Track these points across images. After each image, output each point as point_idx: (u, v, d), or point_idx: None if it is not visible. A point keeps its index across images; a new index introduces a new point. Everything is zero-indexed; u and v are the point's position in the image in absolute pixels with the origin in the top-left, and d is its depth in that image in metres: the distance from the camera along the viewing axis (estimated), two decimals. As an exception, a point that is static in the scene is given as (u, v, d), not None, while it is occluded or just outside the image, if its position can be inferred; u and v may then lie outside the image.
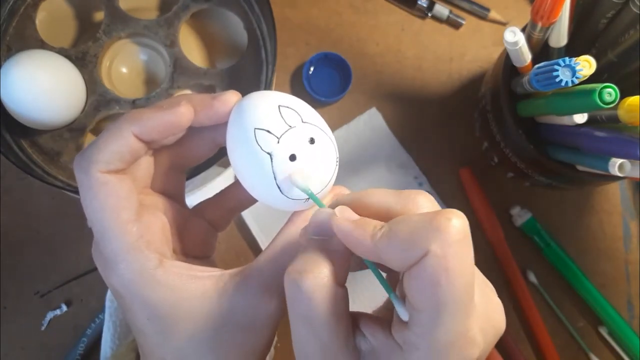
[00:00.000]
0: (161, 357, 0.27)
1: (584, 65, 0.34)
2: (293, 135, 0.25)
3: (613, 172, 0.37)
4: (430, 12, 0.56)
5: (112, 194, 0.26)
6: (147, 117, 0.26)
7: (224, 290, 0.26)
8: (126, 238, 0.26)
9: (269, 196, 0.26)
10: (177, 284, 0.26)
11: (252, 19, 0.50)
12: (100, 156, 0.26)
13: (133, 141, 0.26)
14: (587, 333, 0.54)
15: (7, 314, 0.51)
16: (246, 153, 0.25)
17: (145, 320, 0.26)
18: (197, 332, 0.26)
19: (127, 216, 0.26)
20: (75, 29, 0.51)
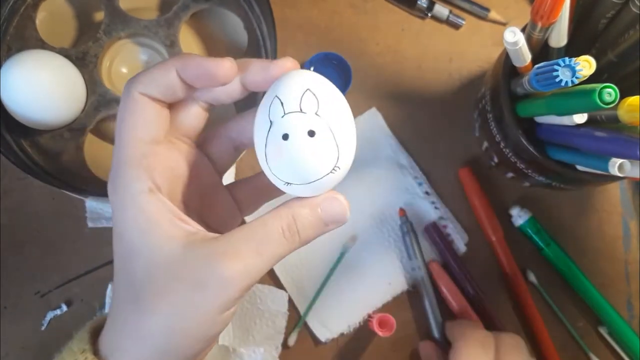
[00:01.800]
0: (117, 281, 0.28)
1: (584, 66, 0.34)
2: (298, 118, 0.25)
3: (613, 172, 0.37)
4: (430, 12, 0.56)
5: (138, 112, 0.28)
6: (192, 59, 0.27)
7: (190, 244, 0.26)
8: (130, 151, 0.27)
9: (261, 162, 0.27)
10: (153, 216, 0.26)
11: (252, 19, 0.50)
12: (141, 78, 0.28)
13: (173, 76, 0.28)
14: (587, 333, 0.54)
15: (7, 314, 0.51)
16: (260, 114, 0.26)
17: (117, 237, 0.27)
18: (151, 271, 0.26)
19: (141, 134, 0.28)
20: (76, 29, 0.51)
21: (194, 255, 0.26)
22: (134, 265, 0.27)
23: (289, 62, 0.28)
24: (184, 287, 0.26)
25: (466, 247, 0.54)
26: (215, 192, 0.33)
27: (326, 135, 0.26)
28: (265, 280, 0.53)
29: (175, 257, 0.26)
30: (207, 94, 0.30)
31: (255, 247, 0.26)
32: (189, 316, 0.26)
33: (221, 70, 0.27)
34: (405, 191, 0.54)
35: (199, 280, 0.26)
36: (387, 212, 0.54)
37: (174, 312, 0.26)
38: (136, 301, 0.27)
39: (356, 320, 0.52)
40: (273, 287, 0.52)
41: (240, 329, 0.50)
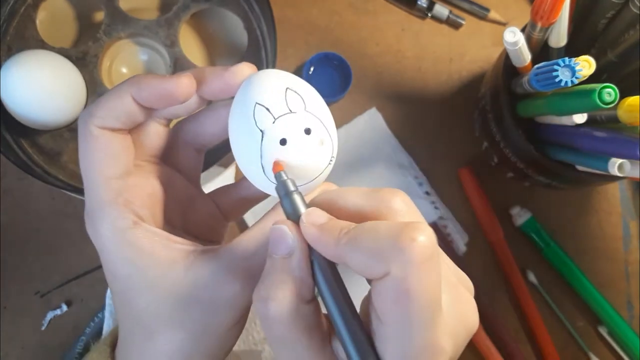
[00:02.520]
0: (122, 321, 0.27)
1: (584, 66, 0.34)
2: (291, 120, 0.25)
3: (612, 172, 0.37)
4: (430, 12, 0.57)
5: (101, 148, 0.27)
6: (147, 82, 0.26)
7: (191, 263, 0.26)
8: (104, 193, 0.26)
9: (255, 175, 0.26)
10: (146, 247, 0.26)
11: (252, 19, 0.50)
12: (97, 111, 0.26)
13: (129, 102, 0.26)
14: (587, 332, 0.54)
15: (7, 314, 0.51)
16: (242, 127, 0.25)
17: (112, 278, 0.27)
18: (158, 301, 0.26)
19: (111, 172, 0.27)
20: (76, 29, 0.51)
21: (198, 276, 0.25)
22: (138, 301, 0.26)
23: (246, 67, 0.27)
24: (195, 310, 0.25)
25: (466, 247, 0.54)
26: (195, 202, 0.32)
27: (320, 128, 0.25)
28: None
29: (181, 282, 0.25)
30: (165, 111, 0.29)
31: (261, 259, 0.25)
32: (204, 338, 0.26)
33: (180, 88, 0.26)
34: (405, 191, 0.54)
35: (209, 302, 0.25)
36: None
37: (187, 337, 0.26)
38: (148, 333, 0.26)
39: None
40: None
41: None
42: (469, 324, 0.24)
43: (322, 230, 0.22)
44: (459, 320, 0.23)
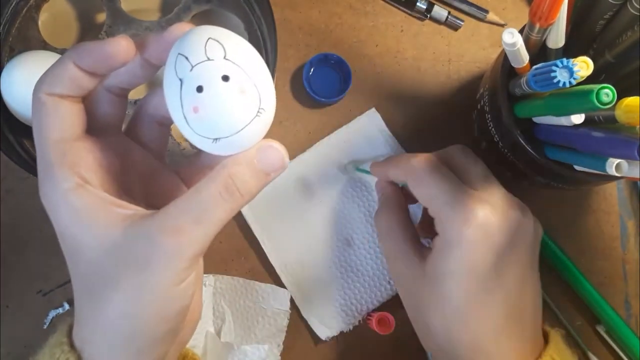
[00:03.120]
0: (72, 280, 0.28)
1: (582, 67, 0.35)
2: (207, 67, 0.24)
3: (610, 172, 0.38)
4: (429, 13, 0.57)
5: (49, 113, 0.27)
6: (86, 47, 0.27)
7: (129, 225, 0.26)
8: (51, 154, 0.27)
9: (182, 127, 0.26)
10: (87, 209, 0.26)
11: (253, 20, 0.50)
12: (45, 78, 0.27)
13: (72, 68, 0.27)
14: (585, 331, 0.54)
15: (9, 313, 0.51)
16: (167, 78, 0.25)
17: (60, 241, 0.27)
18: (98, 262, 0.26)
19: (56, 135, 0.27)
20: (78, 30, 0.52)
21: (134, 235, 0.26)
22: (81, 260, 0.27)
23: (184, 25, 0.27)
24: (130, 270, 0.26)
25: (465, 247, 0.54)
26: (158, 175, 0.32)
27: (241, 77, 0.25)
28: (266, 278, 0.53)
29: (117, 242, 0.26)
30: (115, 79, 0.29)
31: (194, 216, 0.26)
32: (142, 298, 0.26)
33: (116, 48, 0.26)
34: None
35: (143, 260, 0.25)
36: (386, 212, 0.54)
37: (126, 297, 0.26)
38: (90, 295, 0.27)
39: (356, 318, 0.52)
40: (275, 285, 0.52)
41: (242, 327, 0.51)
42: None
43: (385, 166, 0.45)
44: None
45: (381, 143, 0.55)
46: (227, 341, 0.49)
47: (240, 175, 0.26)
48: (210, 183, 0.26)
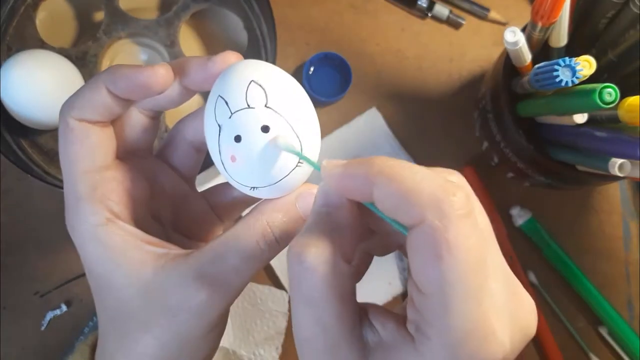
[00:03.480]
0: (98, 312, 0.27)
1: (584, 65, 0.34)
2: (247, 116, 0.23)
3: (613, 172, 0.37)
4: (430, 12, 0.56)
5: (78, 141, 0.26)
6: (121, 73, 0.25)
7: (161, 267, 0.25)
8: (79, 186, 0.26)
9: (220, 170, 0.25)
10: (117, 246, 0.25)
11: (252, 18, 0.50)
12: (74, 102, 0.26)
13: (104, 94, 0.25)
14: (587, 333, 0.54)
15: (7, 314, 0.51)
16: (207, 120, 0.24)
17: (88, 274, 0.26)
18: (128, 302, 0.25)
19: (87, 166, 0.26)
20: (76, 28, 0.51)
21: (167, 278, 0.25)
22: (110, 299, 0.26)
23: (230, 55, 0.26)
24: (162, 315, 0.25)
25: (466, 247, 0.54)
26: (187, 200, 0.31)
27: (282, 127, 0.23)
28: (265, 280, 0.52)
29: (149, 284, 0.25)
30: (148, 102, 0.27)
31: (232, 266, 0.24)
32: (172, 345, 0.25)
33: (154, 79, 0.25)
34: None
35: (177, 307, 0.24)
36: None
37: (155, 342, 0.25)
38: (117, 331, 0.26)
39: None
40: (273, 287, 0.52)
41: (241, 329, 0.50)
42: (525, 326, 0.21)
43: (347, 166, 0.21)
44: (513, 317, 0.20)
45: (382, 142, 0.55)
46: (224, 346, 0.49)
47: (278, 223, 0.25)
48: (247, 231, 0.25)
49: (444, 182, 0.20)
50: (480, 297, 0.19)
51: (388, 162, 0.20)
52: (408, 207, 0.19)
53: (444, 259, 0.18)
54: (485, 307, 0.19)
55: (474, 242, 0.19)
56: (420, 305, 0.19)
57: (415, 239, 0.19)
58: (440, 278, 0.18)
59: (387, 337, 0.21)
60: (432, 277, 0.19)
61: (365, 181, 0.20)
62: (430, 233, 0.19)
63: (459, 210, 0.19)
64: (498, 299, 0.19)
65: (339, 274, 0.20)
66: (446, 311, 0.18)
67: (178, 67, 0.26)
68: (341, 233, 0.22)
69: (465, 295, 0.18)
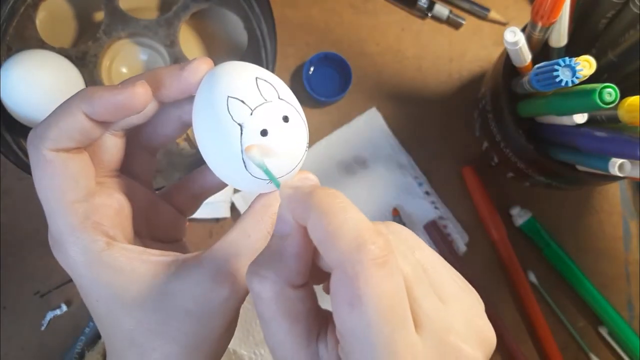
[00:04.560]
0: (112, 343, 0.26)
1: (584, 65, 0.34)
2: (268, 109, 0.24)
3: (613, 172, 0.37)
4: (430, 12, 0.56)
5: (59, 173, 0.25)
6: (99, 96, 0.24)
7: (175, 275, 0.25)
8: (70, 219, 0.25)
9: (233, 173, 0.24)
10: (125, 266, 0.25)
11: (252, 18, 0.50)
12: (48, 133, 0.24)
13: (82, 120, 0.24)
14: (587, 333, 0.54)
15: (7, 314, 0.51)
16: (214, 123, 0.24)
17: (95, 302, 0.26)
18: (146, 317, 0.25)
19: (73, 196, 0.25)
20: (75, 29, 0.51)
21: (184, 286, 0.25)
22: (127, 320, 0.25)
23: (202, 62, 0.25)
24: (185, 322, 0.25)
25: (466, 247, 0.54)
26: (156, 207, 0.31)
27: (294, 115, 0.24)
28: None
29: (166, 295, 0.25)
30: (120, 123, 0.27)
31: (245, 260, 0.25)
32: (196, 347, 0.25)
33: (135, 99, 0.24)
34: (405, 191, 0.54)
35: (200, 312, 0.25)
36: (387, 212, 0.54)
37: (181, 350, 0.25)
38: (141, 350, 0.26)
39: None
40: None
41: (241, 329, 0.50)
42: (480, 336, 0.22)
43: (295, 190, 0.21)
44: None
45: (382, 142, 0.55)
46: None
47: None
48: (257, 224, 0.25)
49: (367, 230, 0.19)
50: (394, 346, 0.19)
51: (326, 198, 0.20)
52: (329, 248, 0.19)
53: (354, 307, 0.18)
54: (401, 356, 0.19)
55: (388, 290, 0.19)
56: (342, 347, 0.20)
57: (333, 282, 0.19)
58: (353, 326, 0.19)
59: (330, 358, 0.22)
60: (346, 324, 0.19)
61: (304, 210, 0.20)
62: (344, 279, 0.19)
63: (373, 258, 0.19)
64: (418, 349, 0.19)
65: (284, 298, 0.21)
66: (361, 357, 0.19)
67: (151, 81, 0.25)
68: (288, 262, 0.22)
69: (377, 343, 0.19)
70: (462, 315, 0.22)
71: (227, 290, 0.25)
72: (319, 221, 0.20)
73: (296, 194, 0.21)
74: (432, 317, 0.21)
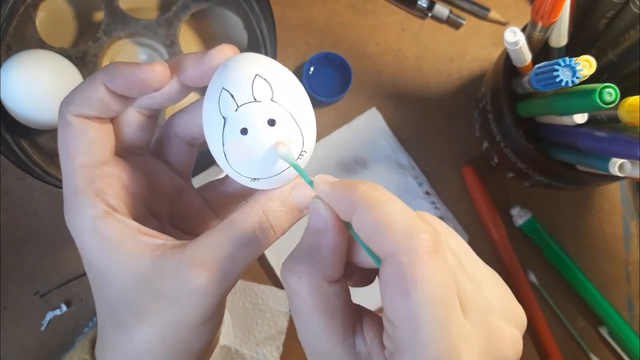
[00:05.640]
0: (97, 305, 0.27)
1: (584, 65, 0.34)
2: (254, 109, 0.23)
3: (613, 172, 0.37)
4: (430, 12, 0.56)
5: (76, 136, 0.26)
6: (119, 70, 0.26)
7: (158, 257, 0.25)
8: (77, 180, 0.26)
9: (221, 163, 0.25)
10: (114, 238, 0.25)
11: (252, 18, 0.50)
12: (73, 99, 0.26)
13: (102, 90, 0.26)
14: (587, 333, 0.54)
15: (7, 314, 0.51)
16: (209, 112, 0.24)
17: (87, 266, 0.27)
18: (125, 292, 0.26)
19: (84, 160, 0.26)
20: (75, 28, 0.51)
21: (163, 268, 0.25)
22: (108, 289, 0.26)
23: (226, 49, 0.26)
24: (159, 303, 0.25)
25: (466, 247, 0.54)
26: (184, 196, 0.31)
27: (287, 121, 0.24)
28: (265, 280, 0.52)
29: (146, 274, 0.25)
30: (146, 101, 0.28)
31: (228, 252, 0.25)
32: (168, 332, 0.25)
33: (152, 75, 0.25)
34: (405, 191, 0.54)
35: (173, 294, 0.25)
36: (387, 212, 0.54)
37: (153, 330, 0.25)
38: (116, 323, 0.26)
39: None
40: (274, 287, 0.52)
41: (242, 329, 0.50)
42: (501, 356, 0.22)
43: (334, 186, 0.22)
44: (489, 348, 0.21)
45: (382, 142, 0.55)
46: (226, 344, 0.49)
47: (274, 212, 0.26)
48: (244, 219, 0.26)
49: (416, 220, 0.20)
50: (447, 329, 0.20)
51: (372, 191, 0.21)
52: (381, 239, 0.20)
53: (410, 293, 0.19)
54: (454, 338, 0.20)
55: (441, 277, 0.20)
56: (392, 335, 0.21)
57: (385, 272, 0.20)
58: (408, 312, 0.20)
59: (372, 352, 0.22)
60: (400, 311, 0.20)
61: (349, 204, 0.22)
62: (398, 268, 0.20)
63: (426, 246, 0.20)
64: (467, 330, 0.21)
65: (320, 294, 0.22)
66: (415, 342, 0.20)
67: (175, 65, 0.27)
68: (324, 257, 0.23)
69: (432, 328, 0.19)
70: (497, 297, 0.23)
71: (204, 277, 0.25)
72: (368, 214, 0.21)
73: (337, 189, 0.22)
74: (475, 300, 0.22)
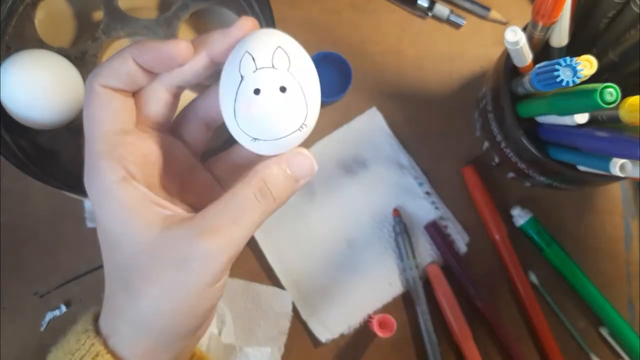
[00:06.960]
0: (107, 271, 0.29)
1: (585, 65, 0.34)
2: (270, 75, 0.26)
3: (614, 172, 0.37)
4: (430, 11, 0.56)
5: (101, 104, 0.28)
6: (148, 45, 0.28)
7: (167, 226, 0.27)
8: (100, 145, 0.28)
9: (228, 118, 0.27)
10: (128, 203, 0.27)
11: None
12: (101, 70, 0.28)
13: (130, 63, 0.28)
14: (588, 334, 0.53)
15: (6, 315, 0.51)
16: (229, 70, 0.27)
17: (100, 231, 0.29)
18: (136, 256, 0.27)
19: (109, 127, 0.28)
20: (75, 28, 0.51)
21: (173, 236, 0.27)
22: (119, 254, 0.28)
23: (249, 21, 0.28)
24: (168, 268, 0.27)
25: (467, 248, 0.54)
26: (193, 173, 0.33)
27: (297, 92, 0.26)
28: (264, 280, 0.52)
29: (156, 241, 0.27)
30: (172, 77, 0.30)
31: (231, 218, 0.27)
32: (177, 295, 0.27)
33: (177, 50, 0.28)
34: (406, 191, 0.54)
35: (182, 259, 0.26)
36: (387, 212, 0.54)
37: (162, 293, 0.27)
38: (126, 287, 0.28)
39: (356, 320, 0.52)
40: (277, 288, 0.52)
41: (244, 330, 0.50)
42: None
43: None
44: None
45: (382, 142, 0.55)
46: (230, 343, 0.49)
47: (273, 179, 0.28)
48: (245, 186, 0.28)
49: None
50: None
51: None
52: None
53: None
54: None
55: None
56: None
57: None
58: None
59: None
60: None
61: None
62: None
63: None
64: None
65: None
66: None
67: (202, 42, 0.29)
68: None
69: None
70: None
71: (211, 243, 0.26)
72: None
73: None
74: None
